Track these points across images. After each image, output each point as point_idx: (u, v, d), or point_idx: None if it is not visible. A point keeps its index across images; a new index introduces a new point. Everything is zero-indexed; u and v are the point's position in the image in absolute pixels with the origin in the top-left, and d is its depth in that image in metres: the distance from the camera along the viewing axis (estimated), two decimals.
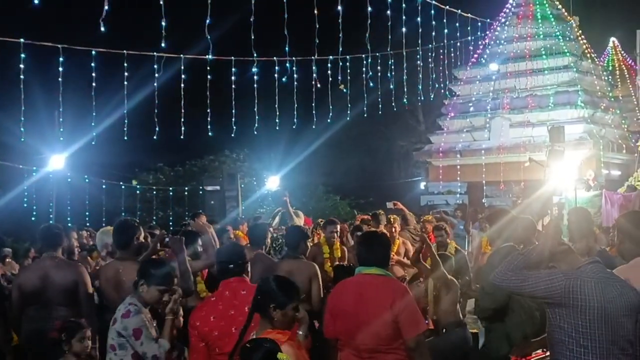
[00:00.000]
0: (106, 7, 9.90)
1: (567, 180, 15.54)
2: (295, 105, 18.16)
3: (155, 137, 16.26)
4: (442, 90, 26.82)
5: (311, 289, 6.56)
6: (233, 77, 16.86)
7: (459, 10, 21.96)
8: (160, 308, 5.05)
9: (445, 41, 23.36)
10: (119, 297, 5.91)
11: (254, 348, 3.81)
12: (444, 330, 7.18)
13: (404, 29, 18.95)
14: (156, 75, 15.53)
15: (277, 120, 18.29)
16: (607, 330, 4.01)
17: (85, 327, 5.34)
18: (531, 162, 18.62)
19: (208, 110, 16.50)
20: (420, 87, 22.83)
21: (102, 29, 10.11)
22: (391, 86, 21.53)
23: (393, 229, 10.51)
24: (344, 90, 19.45)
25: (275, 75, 17.44)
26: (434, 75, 23.70)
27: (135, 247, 6.06)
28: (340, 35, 16.43)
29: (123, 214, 20.08)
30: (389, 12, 18.08)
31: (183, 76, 16.04)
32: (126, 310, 4.80)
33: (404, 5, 18.19)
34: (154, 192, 24.67)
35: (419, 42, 20.98)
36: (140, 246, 6.08)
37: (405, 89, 21.81)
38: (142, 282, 4.90)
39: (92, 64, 14.60)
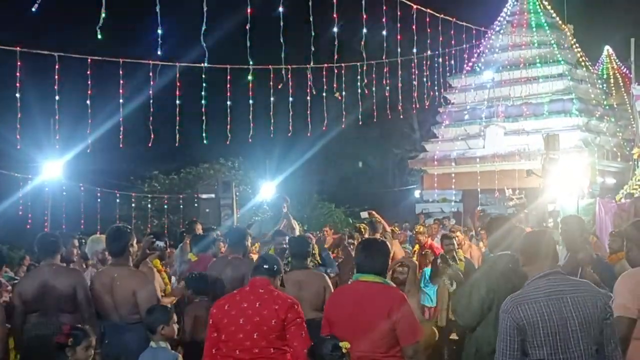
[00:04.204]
0: (103, 15, 9.94)
1: (562, 189, 15.59)
2: (290, 113, 18.18)
3: (150, 145, 16.30)
4: (437, 99, 26.89)
5: (325, 297, 6.58)
6: (228, 85, 16.89)
7: (454, 19, 22.06)
8: None
9: (440, 49, 23.43)
10: (113, 303, 6.01)
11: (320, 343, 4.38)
12: None
13: (399, 37, 19.02)
14: (151, 83, 15.60)
15: (272, 128, 18.29)
16: (559, 348, 3.99)
17: (91, 335, 5.35)
18: (529, 174, 18.68)
19: (203, 118, 16.52)
20: (415, 95, 22.88)
21: (99, 36, 10.14)
22: (386, 94, 21.58)
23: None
24: (339, 98, 19.50)
25: (271, 83, 17.47)
26: (428, 83, 23.77)
27: (128, 253, 6.17)
28: (336, 43, 16.48)
29: (118, 221, 20.10)
30: (384, 20, 18.16)
31: (178, 84, 16.08)
32: None
33: (399, 13, 18.25)
34: (149, 200, 24.69)
35: (414, 50, 21.06)
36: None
37: (400, 97, 21.87)
38: None
39: (88, 72, 14.65)
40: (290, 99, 17.81)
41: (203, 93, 16.15)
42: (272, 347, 4.97)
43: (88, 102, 14.95)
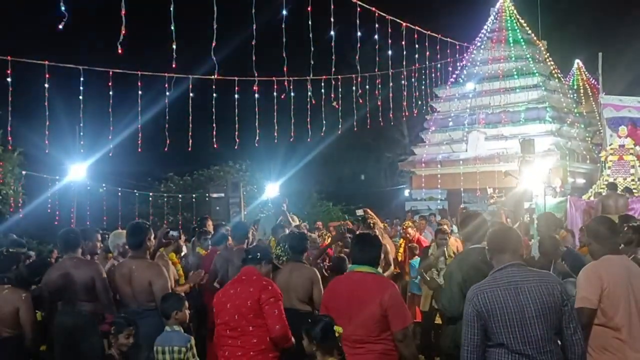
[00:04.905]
0: (123, 32, 9.91)
1: (537, 188, 15.54)
2: (292, 120, 18.20)
3: (166, 149, 16.30)
4: (424, 107, 26.91)
5: (312, 292, 6.52)
6: (236, 95, 16.88)
7: (440, 35, 22.06)
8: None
9: (427, 62, 23.46)
10: (131, 292, 5.99)
11: (314, 322, 4.28)
12: None
13: (389, 52, 19.01)
14: (167, 93, 15.61)
15: (275, 134, 18.29)
16: (516, 333, 3.95)
17: (132, 324, 5.35)
18: (507, 175, 18.69)
19: (213, 125, 16.50)
20: (404, 103, 22.88)
21: (119, 51, 10.12)
22: (378, 103, 21.59)
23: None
24: (336, 107, 19.51)
25: (274, 93, 17.48)
26: (416, 94, 23.79)
27: (146, 247, 6.17)
28: (333, 57, 16.48)
29: (137, 218, 20.05)
30: (376, 36, 18.16)
31: (191, 94, 16.07)
32: None
33: (389, 29, 18.26)
34: (165, 199, 24.66)
35: (404, 63, 21.07)
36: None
37: (391, 106, 21.87)
38: None
39: (110, 83, 14.68)
40: (292, 107, 17.82)
41: (213, 102, 16.13)
42: (250, 326, 5.06)
43: (110, 110, 14.99)
